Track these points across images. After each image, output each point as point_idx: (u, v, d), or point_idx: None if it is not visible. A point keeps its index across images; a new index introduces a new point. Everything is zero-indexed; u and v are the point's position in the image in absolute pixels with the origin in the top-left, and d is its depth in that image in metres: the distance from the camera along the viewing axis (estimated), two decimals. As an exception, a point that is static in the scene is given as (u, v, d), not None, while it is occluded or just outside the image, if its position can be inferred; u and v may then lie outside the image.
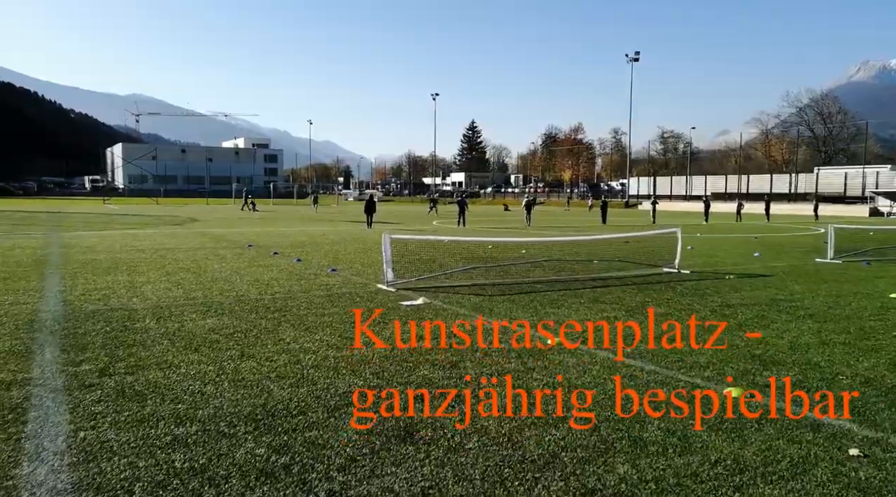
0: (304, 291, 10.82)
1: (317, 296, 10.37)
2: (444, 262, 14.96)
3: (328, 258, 16.12)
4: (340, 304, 9.68)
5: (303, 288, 11.18)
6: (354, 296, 10.42)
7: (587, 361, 6.53)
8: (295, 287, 11.26)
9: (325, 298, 10.12)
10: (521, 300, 10.13)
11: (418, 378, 5.89)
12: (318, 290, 10.90)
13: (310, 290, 10.90)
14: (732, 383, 5.80)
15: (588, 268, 14.46)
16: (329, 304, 9.65)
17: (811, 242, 23.28)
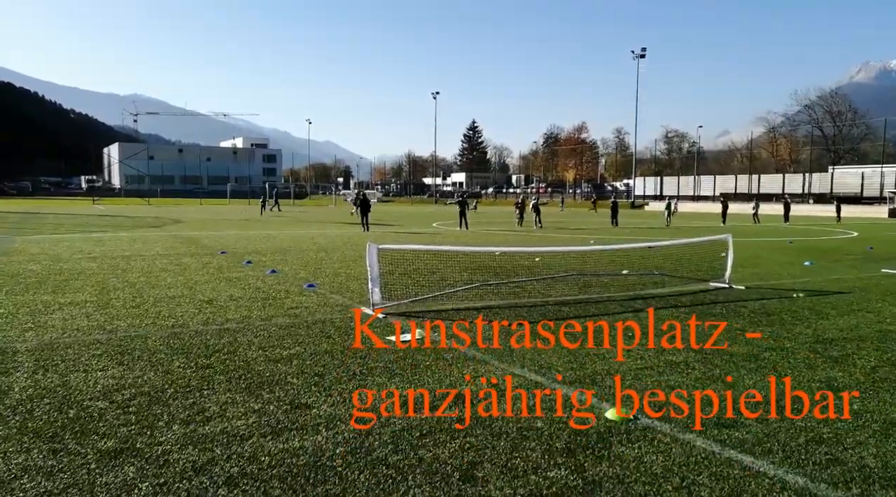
0: (265, 319, 8.36)
1: (279, 326, 7.91)
2: (445, 273, 12.51)
3: (309, 269, 13.66)
4: (307, 340, 7.22)
5: (265, 313, 8.72)
6: (328, 326, 7.96)
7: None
8: (256, 312, 8.79)
9: (289, 331, 7.66)
10: (550, 334, 7.67)
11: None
12: (283, 318, 8.43)
13: (273, 318, 8.44)
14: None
15: (621, 283, 11.99)
16: (291, 340, 7.18)
17: (854, 248, 20.79)
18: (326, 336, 7.40)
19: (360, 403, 5.07)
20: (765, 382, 5.74)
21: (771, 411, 4.99)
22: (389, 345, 6.99)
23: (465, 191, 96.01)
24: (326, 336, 7.40)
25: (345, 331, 7.68)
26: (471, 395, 5.30)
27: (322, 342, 7.09)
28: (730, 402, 5.17)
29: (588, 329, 7.87)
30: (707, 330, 7.88)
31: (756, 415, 4.90)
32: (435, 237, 24.41)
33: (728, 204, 39.14)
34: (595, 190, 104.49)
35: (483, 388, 5.49)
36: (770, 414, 4.93)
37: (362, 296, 10.11)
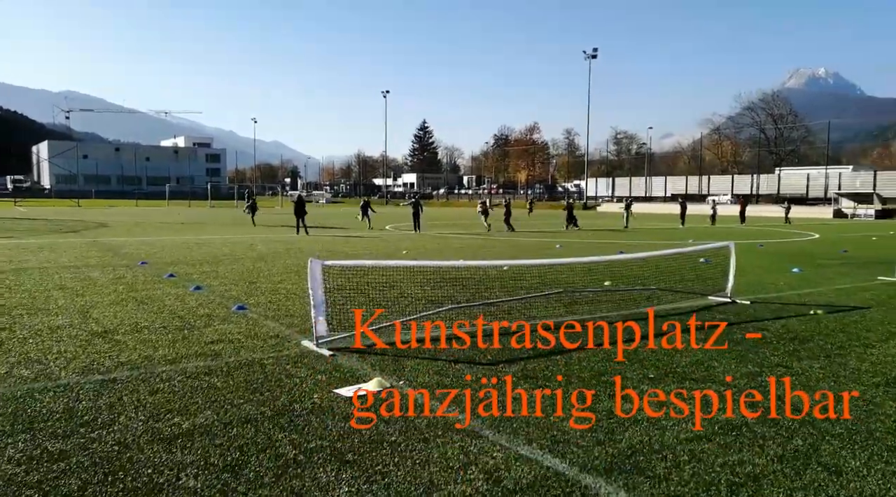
0: (171, 361, 6.30)
1: (189, 374, 5.88)
2: (405, 288, 10.63)
3: (242, 284, 11.55)
4: (223, 399, 5.23)
5: (174, 352, 6.66)
6: (256, 372, 5.98)
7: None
8: (161, 351, 6.72)
9: (201, 383, 5.64)
10: (537, 374, 5.90)
11: None
12: (196, 360, 6.39)
13: (182, 359, 6.39)
14: None
15: (611, 300, 10.36)
16: (201, 399, 5.18)
17: (826, 251, 19.91)
18: (252, 390, 5.42)
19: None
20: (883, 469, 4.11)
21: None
22: (338, 405, 5.08)
23: (418, 192, 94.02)
24: (252, 390, 5.42)
25: (277, 380, 5.72)
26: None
27: (244, 402, 5.12)
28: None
29: (577, 363, 6.14)
30: (735, 365, 6.26)
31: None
32: (388, 242, 22.47)
33: (686, 205, 38.53)
34: (547, 191, 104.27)
35: (479, 486, 3.67)
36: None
37: (304, 321, 8.15)
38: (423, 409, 4.97)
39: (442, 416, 4.83)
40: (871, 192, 56.75)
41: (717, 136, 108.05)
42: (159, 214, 45.36)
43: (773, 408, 5.08)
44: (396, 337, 7.36)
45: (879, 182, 57.94)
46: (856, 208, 56.38)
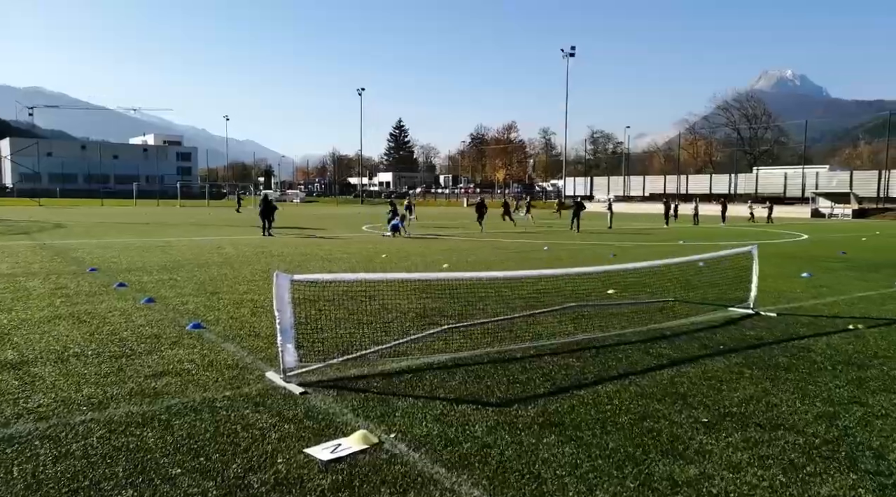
0: (95, 406, 4.95)
1: (113, 427, 4.54)
2: (388, 301, 9.33)
3: (202, 295, 10.15)
4: (153, 462, 3.90)
5: (102, 393, 5.30)
6: (204, 421, 4.66)
7: None
8: (86, 390, 5.35)
9: (127, 441, 4.30)
10: (564, 420, 4.70)
11: None
12: (128, 404, 5.04)
13: (110, 404, 5.04)
14: None
15: (623, 315, 9.20)
16: (126, 470, 3.84)
17: (823, 252, 19.09)
18: (195, 452, 4.10)
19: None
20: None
21: None
22: (311, 476, 3.79)
23: (394, 191, 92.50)
24: (195, 452, 4.10)
25: (231, 434, 4.41)
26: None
27: (182, 473, 3.80)
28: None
29: (640, 425, 4.94)
30: (821, 417, 5.12)
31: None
32: (365, 244, 21.12)
33: (671, 205, 37.79)
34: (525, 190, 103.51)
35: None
36: None
37: (271, 343, 6.83)
38: (426, 482, 3.71)
39: (452, 489, 3.58)
40: (847, 192, 56.80)
41: (693, 135, 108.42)
42: (124, 214, 43.29)
43: (887, 470, 3.93)
44: (377, 364, 6.10)
45: (856, 182, 58.10)
46: (833, 208, 56.41)
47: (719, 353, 6.76)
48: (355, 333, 7.42)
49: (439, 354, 6.57)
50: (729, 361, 6.43)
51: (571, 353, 6.76)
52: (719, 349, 6.96)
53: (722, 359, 6.52)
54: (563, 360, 6.43)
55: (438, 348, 6.82)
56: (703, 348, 7.00)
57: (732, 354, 6.70)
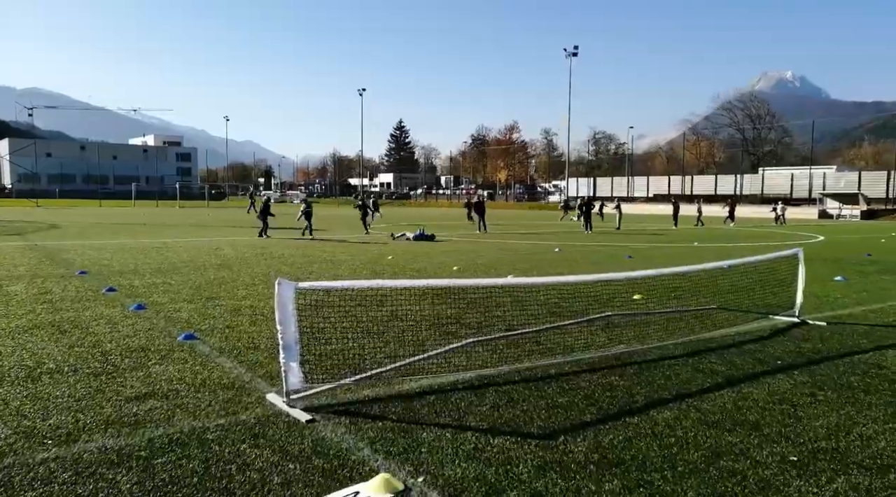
0: (63, 440, 4.17)
1: (83, 467, 3.75)
2: (400, 307, 8.54)
3: (197, 301, 9.37)
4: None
5: (69, 423, 4.52)
6: (192, 458, 3.87)
7: None
8: (52, 420, 4.57)
9: (96, 490, 3.52)
10: (624, 457, 3.93)
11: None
12: (102, 437, 4.25)
13: (80, 437, 4.24)
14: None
15: (653, 320, 8.42)
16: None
17: (846, 255, 18.30)
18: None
19: None
20: None
21: None
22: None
23: (367, 192, 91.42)
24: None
25: (224, 476, 3.62)
26: None
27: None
28: None
29: (716, 465, 4.16)
30: None
31: None
32: (370, 246, 20.34)
33: (679, 205, 37.00)
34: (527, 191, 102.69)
35: None
36: None
37: (272, 357, 6.07)
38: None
39: (501, 562, 2.80)
40: (856, 193, 56.00)
41: (695, 136, 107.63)
42: (122, 215, 42.51)
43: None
44: (394, 385, 5.32)
45: (864, 182, 57.30)
46: (841, 209, 55.62)
47: (779, 370, 5.98)
48: (366, 346, 6.65)
49: (463, 372, 5.79)
50: (794, 380, 5.64)
51: (611, 369, 5.98)
52: (777, 365, 6.18)
53: (785, 377, 5.74)
54: (604, 379, 5.64)
55: (460, 364, 6.04)
56: (759, 364, 6.22)
57: (795, 372, 5.91)
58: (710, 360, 6.30)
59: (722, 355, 6.53)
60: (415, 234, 23.02)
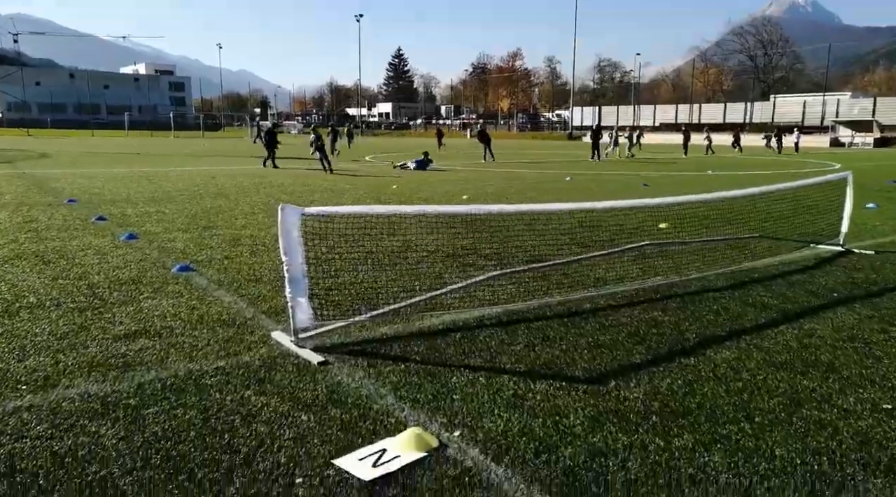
0: (40, 386, 3.62)
1: (61, 419, 3.21)
2: (412, 237, 7.91)
3: (193, 230, 8.75)
4: (111, 488, 2.59)
5: (48, 364, 3.96)
6: (189, 408, 3.32)
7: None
8: (29, 361, 4.01)
9: (76, 447, 2.97)
10: (689, 406, 3.39)
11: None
12: (85, 381, 3.70)
13: (60, 382, 3.70)
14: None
15: (689, 249, 7.81)
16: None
17: (865, 181, 17.55)
18: (174, 468, 2.78)
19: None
20: None
21: None
22: (350, 488, 2.47)
23: (315, 121, 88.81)
24: (174, 468, 2.78)
25: (227, 429, 3.08)
26: None
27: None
28: None
29: (801, 418, 3.61)
30: None
31: None
32: (372, 177, 19.57)
33: (689, 134, 35.86)
34: (530, 120, 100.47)
35: None
36: None
37: (276, 291, 5.50)
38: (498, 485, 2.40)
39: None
40: (870, 120, 54.49)
41: (704, 63, 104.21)
42: (115, 145, 41.37)
43: None
44: (414, 322, 4.76)
45: (879, 109, 55.60)
46: (853, 137, 54.27)
47: (838, 303, 5.41)
48: (379, 278, 6.07)
49: (488, 307, 5.22)
50: (858, 314, 5.08)
51: (651, 303, 5.41)
52: (834, 297, 5.61)
53: (847, 311, 5.17)
54: (646, 314, 5.08)
55: (484, 298, 5.47)
56: (813, 296, 5.65)
57: (856, 305, 5.34)
58: (758, 293, 5.72)
59: (769, 287, 5.95)
60: (416, 161, 22.04)
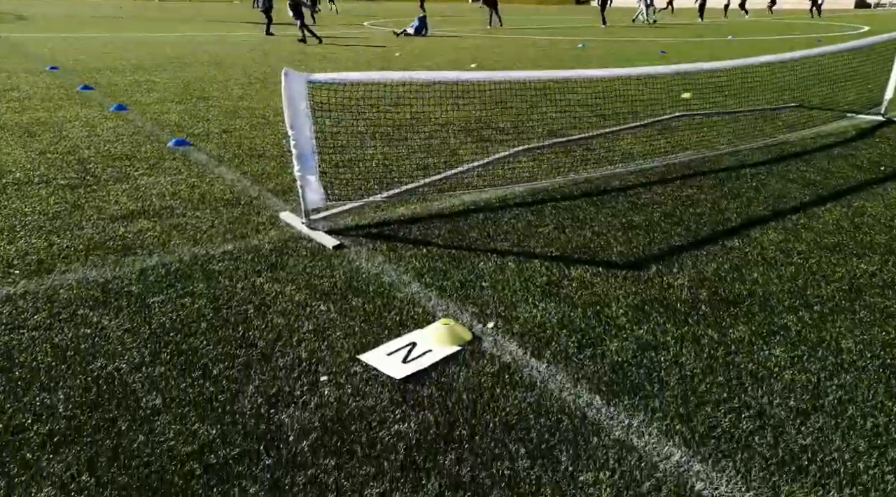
0: (34, 270, 3.34)
1: (58, 308, 2.94)
2: (419, 107, 7.36)
3: (187, 102, 8.18)
4: (120, 387, 2.37)
5: (40, 247, 3.66)
6: (196, 294, 3.06)
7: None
8: (19, 244, 3.71)
9: (75, 339, 2.73)
10: (740, 288, 3.13)
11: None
12: (82, 266, 3.40)
13: (55, 266, 3.41)
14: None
15: (718, 124, 7.30)
16: (71, 384, 2.32)
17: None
18: (188, 363, 2.55)
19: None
20: None
21: None
22: (377, 396, 2.25)
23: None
24: (188, 363, 2.55)
25: (241, 320, 2.83)
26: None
27: (168, 404, 2.27)
28: None
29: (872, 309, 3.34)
30: None
31: None
32: (373, 44, 18.37)
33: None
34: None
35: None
36: None
37: (282, 168, 5.11)
38: (582, 425, 2.19)
39: (628, 443, 2.09)
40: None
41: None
42: (94, 7, 38.82)
43: None
44: (433, 201, 4.42)
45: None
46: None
47: (887, 179, 5.04)
48: (390, 155, 5.64)
49: (510, 185, 4.85)
50: None
51: (685, 180, 5.03)
52: (881, 171, 5.23)
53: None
54: (681, 191, 4.72)
55: (505, 175, 5.09)
56: (858, 170, 5.27)
57: None
58: (798, 168, 5.33)
59: (809, 162, 5.55)
60: (414, 27, 20.56)
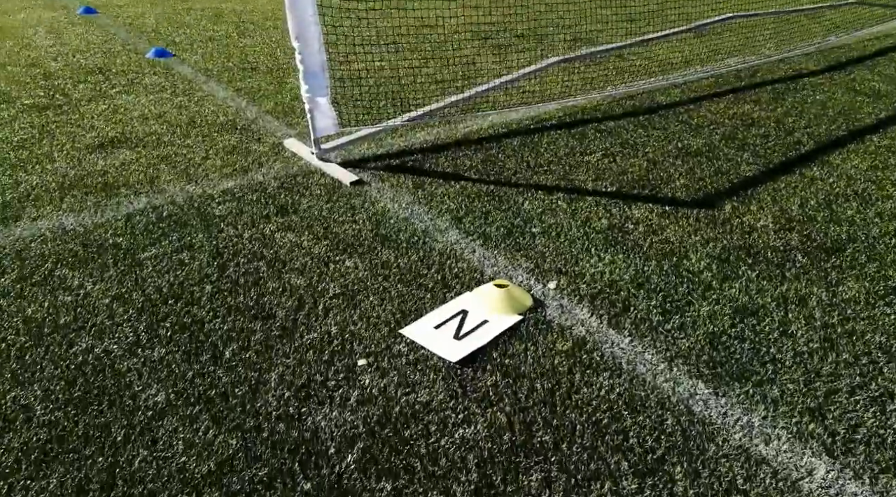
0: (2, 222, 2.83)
1: (33, 289, 2.47)
2: (429, 15, 6.55)
3: (165, 4, 7.30)
4: (111, 380, 1.93)
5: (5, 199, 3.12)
6: (199, 250, 2.56)
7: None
8: None
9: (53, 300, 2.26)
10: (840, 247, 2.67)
11: None
12: (53, 214, 2.89)
13: (20, 220, 2.89)
14: None
15: (756, 27, 6.57)
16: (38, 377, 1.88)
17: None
18: (193, 338, 2.09)
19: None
20: None
21: None
22: (430, 385, 1.83)
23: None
24: (193, 338, 2.09)
25: (252, 282, 2.35)
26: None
27: (173, 402, 1.83)
28: None
29: None
30: None
31: None
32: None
33: None
34: None
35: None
36: None
37: (280, 84, 4.46)
38: (662, 396, 1.79)
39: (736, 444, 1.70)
40: None
41: None
42: None
43: None
44: (464, 127, 3.85)
45: None
46: None
47: (964, 94, 4.48)
48: (400, 66, 4.97)
49: (543, 103, 4.25)
50: None
51: (738, 95, 4.44)
52: (956, 86, 4.66)
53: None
54: (737, 108, 4.16)
55: (532, 89, 4.48)
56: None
57: None
58: (863, 76, 4.75)
59: (873, 69, 4.95)
60: None
